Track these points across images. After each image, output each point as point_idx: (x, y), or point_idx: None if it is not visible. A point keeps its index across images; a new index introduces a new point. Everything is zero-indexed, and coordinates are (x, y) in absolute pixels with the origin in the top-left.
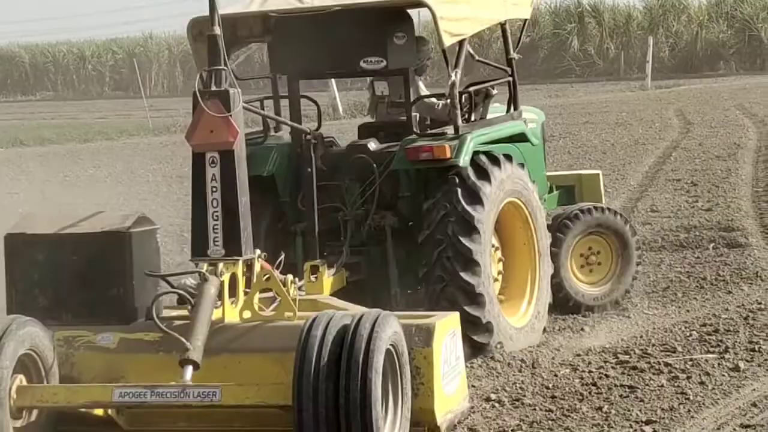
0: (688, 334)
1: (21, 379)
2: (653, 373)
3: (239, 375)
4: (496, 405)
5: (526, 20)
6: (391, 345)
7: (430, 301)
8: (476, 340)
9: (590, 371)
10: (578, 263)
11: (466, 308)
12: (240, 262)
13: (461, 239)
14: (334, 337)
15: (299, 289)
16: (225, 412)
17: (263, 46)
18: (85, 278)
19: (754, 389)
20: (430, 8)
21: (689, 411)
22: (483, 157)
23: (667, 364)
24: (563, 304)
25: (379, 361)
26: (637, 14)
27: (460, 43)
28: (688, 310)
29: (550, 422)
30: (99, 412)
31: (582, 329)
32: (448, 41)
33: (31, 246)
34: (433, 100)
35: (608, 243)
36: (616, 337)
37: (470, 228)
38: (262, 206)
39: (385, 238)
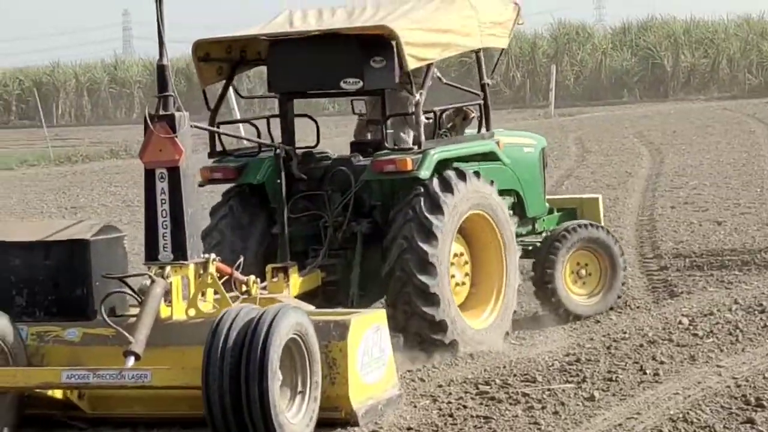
0: (550, 363)
1: None
2: (510, 404)
3: (183, 364)
4: None
5: (503, 49)
6: (296, 334)
7: (390, 298)
8: (431, 336)
9: (449, 402)
10: (571, 275)
11: (422, 306)
12: (191, 265)
13: (420, 243)
14: (240, 329)
15: (263, 288)
16: (174, 397)
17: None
18: (55, 280)
19: (605, 418)
20: (395, 35)
21: None
22: (450, 172)
23: (525, 395)
24: (554, 309)
25: (275, 349)
26: (542, 42)
27: (428, 66)
28: (554, 340)
29: None
30: (60, 395)
31: (451, 360)
32: (412, 64)
33: (8, 252)
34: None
35: (598, 259)
36: (480, 368)
37: (429, 233)
38: (256, 211)
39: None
